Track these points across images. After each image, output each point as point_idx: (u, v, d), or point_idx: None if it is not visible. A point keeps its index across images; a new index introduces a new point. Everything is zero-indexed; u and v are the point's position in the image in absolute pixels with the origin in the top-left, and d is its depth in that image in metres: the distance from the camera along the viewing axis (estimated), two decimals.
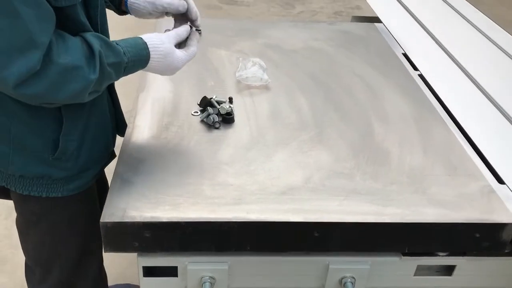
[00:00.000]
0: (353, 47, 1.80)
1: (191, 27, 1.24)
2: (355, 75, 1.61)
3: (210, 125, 1.31)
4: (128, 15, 1.35)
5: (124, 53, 1.06)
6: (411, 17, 2.12)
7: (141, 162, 1.17)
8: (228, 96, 1.42)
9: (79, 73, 0.97)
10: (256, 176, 1.15)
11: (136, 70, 1.13)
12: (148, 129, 1.29)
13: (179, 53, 1.17)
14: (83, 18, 1.04)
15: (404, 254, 1.12)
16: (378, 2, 2.26)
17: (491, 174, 1.22)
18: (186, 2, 1.27)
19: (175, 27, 1.26)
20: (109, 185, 1.11)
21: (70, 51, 0.96)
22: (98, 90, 1.06)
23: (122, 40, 1.10)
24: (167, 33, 1.17)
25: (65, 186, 1.19)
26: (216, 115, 1.32)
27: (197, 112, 1.36)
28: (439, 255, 1.13)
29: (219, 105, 1.34)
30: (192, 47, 1.21)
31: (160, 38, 1.13)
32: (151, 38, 1.12)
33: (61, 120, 1.10)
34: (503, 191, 1.16)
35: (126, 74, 1.10)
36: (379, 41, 1.88)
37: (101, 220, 1.01)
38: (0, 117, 1.08)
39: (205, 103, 1.34)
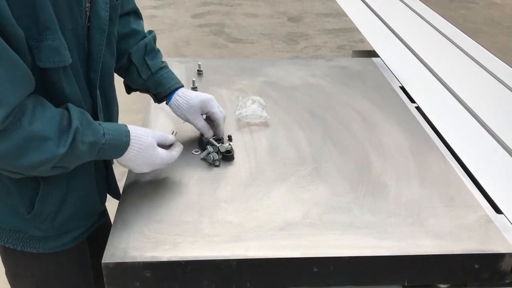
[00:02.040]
0: (351, 82, 1.84)
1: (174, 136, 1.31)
2: (353, 110, 1.64)
3: (210, 163, 1.34)
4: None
5: (104, 134, 1.06)
6: (408, 50, 2.17)
7: (142, 202, 1.20)
8: (228, 134, 1.46)
9: (46, 144, 0.96)
10: (254, 212, 1.17)
11: (112, 156, 1.12)
12: None
13: (161, 150, 1.19)
14: (67, 84, 1.04)
15: (405, 287, 1.12)
16: (376, 37, 2.31)
17: (488, 204, 1.23)
18: (217, 130, 1.40)
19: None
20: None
21: (44, 120, 0.96)
22: (65, 167, 1.04)
23: (107, 123, 1.11)
24: (153, 130, 1.20)
25: (41, 244, 1.18)
26: (216, 153, 1.36)
27: (198, 151, 1.40)
28: (440, 287, 1.13)
29: (219, 144, 1.37)
30: (174, 152, 1.23)
31: (145, 131, 1.16)
32: (136, 128, 1.14)
33: (39, 183, 1.10)
34: (501, 221, 1.16)
35: (100, 158, 1.10)
36: (376, 75, 1.92)
37: (103, 260, 1.03)
38: None
39: (204, 143, 1.38)
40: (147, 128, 1.18)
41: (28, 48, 0.95)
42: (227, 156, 1.36)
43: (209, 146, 1.36)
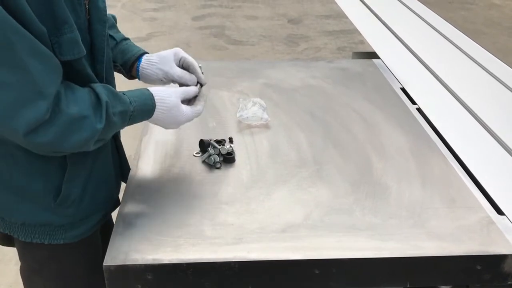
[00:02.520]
0: (351, 84, 1.84)
1: (201, 86, 1.31)
2: (353, 111, 1.64)
3: (211, 166, 1.34)
4: (136, 80, 1.40)
5: (131, 102, 1.11)
6: (408, 51, 2.17)
7: (143, 205, 1.20)
8: (229, 137, 1.46)
9: (86, 122, 1.02)
10: (256, 214, 1.17)
11: (141, 120, 1.17)
12: (151, 172, 1.32)
13: (185, 108, 1.22)
14: (89, 70, 1.10)
15: None
16: (376, 38, 2.31)
17: (490, 205, 1.22)
18: (196, 75, 1.34)
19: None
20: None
21: (78, 102, 1.02)
22: (104, 139, 1.10)
23: (129, 91, 1.15)
24: (176, 88, 1.23)
25: (67, 233, 1.20)
26: (217, 156, 1.36)
27: (199, 153, 1.40)
28: None
29: (220, 146, 1.37)
30: (199, 106, 1.27)
31: (167, 92, 1.19)
32: (158, 90, 1.18)
33: (65, 166, 1.13)
34: (503, 222, 1.16)
35: (131, 123, 1.15)
36: (377, 76, 1.92)
37: (104, 263, 1.03)
38: (3, 165, 1.11)
39: (204, 146, 1.38)
40: (168, 88, 1.20)
41: (50, 43, 0.99)
42: (228, 158, 1.36)
43: (210, 148, 1.36)
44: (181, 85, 1.33)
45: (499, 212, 1.21)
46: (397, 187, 1.27)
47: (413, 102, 1.74)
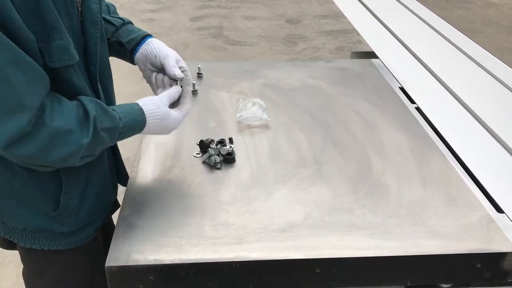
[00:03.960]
0: (350, 83, 1.84)
1: (182, 86, 1.28)
2: (353, 111, 1.65)
3: (211, 166, 1.35)
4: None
5: (120, 119, 1.09)
6: (407, 51, 2.18)
7: (144, 206, 1.20)
8: (229, 137, 1.46)
9: (71, 136, 0.99)
10: (256, 214, 1.17)
11: (132, 135, 1.16)
12: (152, 173, 1.33)
13: (174, 113, 1.22)
14: (77, 80, 1.07)
15: (408, 287, 1.12)
16: (374, 38, 2.32)
17: (490, 204, 1.23)
18: (166, 68, 1.30)
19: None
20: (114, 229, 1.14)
21: (64, 115, 1.00)
22: (92, 155, 1.08)
23: (119, 106, 1.14)
24: (160, 95, 1.21)
25: (67, 239, 1.20)
26: (217, 156, 1.36)
27: (199, 154, 1.40)
28: (443, 287, 1.13)
29: (220, 146, 1.38)
30: (186, 105, 1.26)
31: (154, 102, 1.17)
32: (146, 103, 1.16)
33: (61, 179, 1.12)
34: (502, 220, 1.17)
35: (122, 139, 1.13)
36: (376, 76, 1.92)
37: (106, 264, 1.03)
38: (4, 172, 1.11)
39: (204, 146, 1.38)
40: (154, 98, 1.20)
41: (39, 51, 0.97)
42: (228, 159, 1.36)
43: (210, 149, 1.37)
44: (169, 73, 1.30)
45: (499, 210, 1.21)
46: (397, 186, 1.27)
47: (412, 101, 1.75)
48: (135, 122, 1.13)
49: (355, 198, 1.23)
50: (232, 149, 1.39)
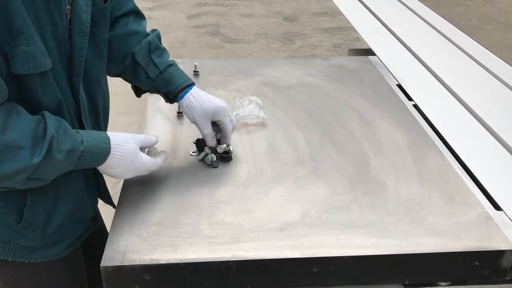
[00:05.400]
0: (347, 81, 1.84)
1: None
2: (350, 108, 1.64)
3: (208, 165, 1.34)
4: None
5: (82, 142, 1.03)
6: (404, 48, 2.17)
7: (140, 205, 1.19)
8: None
9: (20, 153, 0.92)
10: (253, 213, 1.17)
11: (93, 164, 1.09)
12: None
13: (144, 156, 1.15)
14: (46, 89, 1.01)
15: (405, 286, 1.12)
16: (372, 35, 2.31)
17: (488, 201, 1.22)
18: (224, 138, 1.34)
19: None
20: (109, 229, 1.13)
21: (18, 129, 0.93)
22: (43, 179, 1.01)
23: (86, 131, 1.09)
24: (135, 134, 1.16)
25: (33, 254, 1.16)
26: (214, 154, 1.35)
27: (195, 152, 1.39)
28: (441, 285, 1.13)
29: (216, 144, 1.37)
30: (158, 159, 1.20)
31: (127, 137, 1.12)
32: (116, 135, 1.11)
33: (25, 193, 1.07)
34: (500, 218, 1.16)
35: (80, 167, 1.06)
36: (373, 73, 1.92)
37: (102, 264, 1.02)
38: None
39: (201, 145, 1.37)
40: (128, 133, 1.14)
41: (3, 55, 0.93)
42: (225, 157, 1.35)
43: (206, 148, 1.36)
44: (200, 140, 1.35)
45: (497, 207, 1.21)
46: (394, 184, 1.27)
47: (410, 99, 1.74)
48: (98, 149, 1.06)
49: (352, 196, 1.23)
50: (229, 148, 1.38)
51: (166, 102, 1.38)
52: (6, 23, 0.91)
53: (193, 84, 1.35)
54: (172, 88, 1.32)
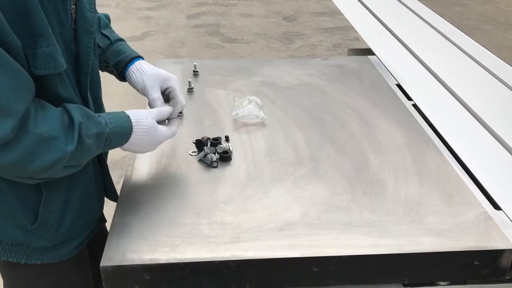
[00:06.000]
0: (347, 81, 1.84)
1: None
2: (349, 108, 1.64)
3: (208, 165, 1.34)
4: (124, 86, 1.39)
5: (106, 124, 1.06)
6: (404, 48, 2.17)
7: (139, 205, 1.19)
8: (225, 135, 1.45)
9: (55, 143, 0.95)
10: (253, 213, 1.17)
11: (118, 145, 1.12)
12: (147, 171, 1.32)
13: (162, 127, 1.19)
14: (63, 89, 1.04)
15: (405, 285, 1.12)
16: (371, 35, 2.31)
17: (487, 201, 1.22)
18: (175, 97, 1.31)
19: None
20: (109, 229, 1.13)
21: (48, 121, 0.96)
22: (76, 165, 1.04)
23: (105, 113, 1.12)
24: (149, 110, 1.19)
25: (45, 254, 1.17)
26: (214, 154, 1.35)
27: (195, 152, 1.39)
28: (440, 285, 1.13)
29: (216, 144, 1.37)
30: (174, 127, 1.24)
31: (143, 113, 1.15)
32: (134, 112, 1.14)
33: (41, 191, 1.09)
34: (500, 217, 1.16)
35: (107, 148, 1.09)
36: (373, 73, 1.92)
37: (101, 264, 1.02)
38: None
39: (201, 145, 1.37)
40: (143, 110, 1.18)
41: (24, 57, 0.94)
42: (225, 157, 1.36)
43: (206, 147, 1.36)
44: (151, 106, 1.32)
45: (496, 207, 1.21)
46: (394, 184, 1.27)
47: (409, 98, 1.74)
48: (122, 129, 1.10)
49: (352, 196, 1.23)
50: (229, 148, 1.38)
51: (118, 78, 1.38)
52: (27, 26, 0.93)
53: (142, 58, 1.37)
54: (122, 57, 1.34)
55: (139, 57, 1.36)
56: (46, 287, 1.24)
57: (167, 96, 1.33)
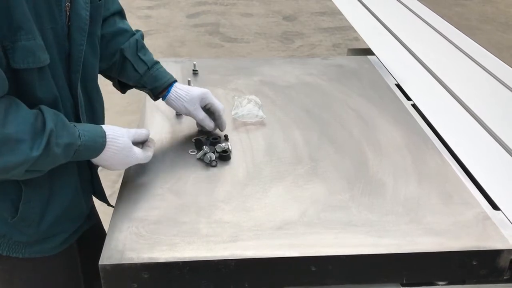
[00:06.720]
0: (347, 80, 1.84)
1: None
2: (349, 108, 1.64)
3: (207, 164, 1.34)
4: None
5: (79, 136, 1.05)
6: (403, 48, 2.17)
7: (138, 203, 1.19)
8: (224, 134, 1.45)
9: (20, 146, 0.94)
10: (252, 212, 1.17)
11: (87, 157, 1.11)
12: (146, 170, 1.31)
13: (137, 149, 1.19)
14: (43, 84, 1.02)
15: (403, 285, 1.12)
16: (371, 35, 2.31)
17: (486, 201, 1.23)
18: (218, 121, 1.41)
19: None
20: (108, 227, 1.13)
21: (18, 122, 0.94)
22: (39, 171, 1.03)
23: (83, 124, 1.11)
24: (128, 129, 1.19)
25: (27, 248, 1.16)
26: (213, 153, 1.35)
27: (194, 151, 1.39)
28: (439, 285, 1.13)
29: (215, 143, 1.37)
30: (149, 152, 1.25)
31: (120, 131, 1.15)
32: (112, 128, 1.14)
33: (20, 187, 1.08)
34: (498, 217, 1.17)
35: (75, 159, 1.08)
36: (372, 73, 1.92)
37: (100, 262, 1.02)
38: None
39: (200, 144, 1.37)
40: (121, 128, 1.17)
41: (2, 49, 0.93)
42: (224, 156, 1.36)
43: (205, 146, 1.36)
44: (201, 126, 1.43)
45: (495, 207, 1.21)
46: (393, 183, 1.27)
47: (408, 98, 1.74)
48: (94, 144, 1.09)
49: (351, 195, 1.23)
50: (228, 147, 1.38)
51: (152, 98, 1.45)
52: (7, 18, 0.92)
53: (176, 81, 1.44)
54: (159, 84, 1.40)
55: (174, 81, 1.43)
56: (30, 281, 1.23)
57: (208, 110, 1.43)
